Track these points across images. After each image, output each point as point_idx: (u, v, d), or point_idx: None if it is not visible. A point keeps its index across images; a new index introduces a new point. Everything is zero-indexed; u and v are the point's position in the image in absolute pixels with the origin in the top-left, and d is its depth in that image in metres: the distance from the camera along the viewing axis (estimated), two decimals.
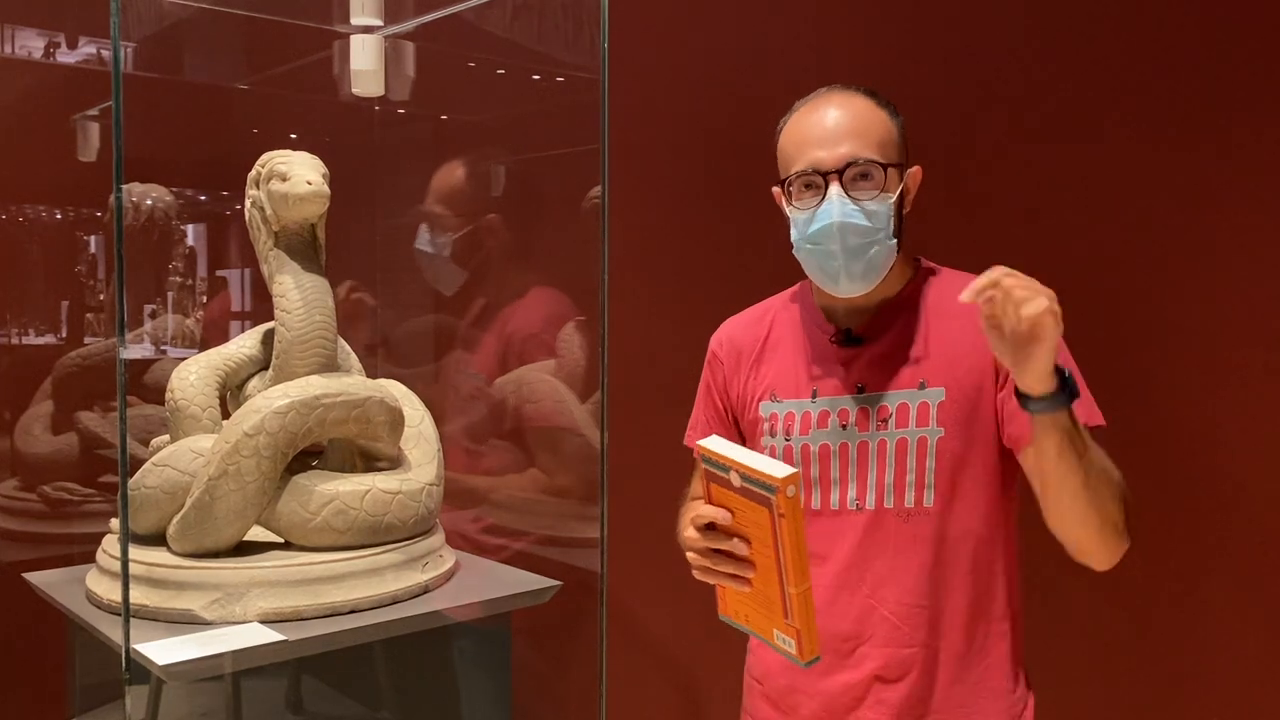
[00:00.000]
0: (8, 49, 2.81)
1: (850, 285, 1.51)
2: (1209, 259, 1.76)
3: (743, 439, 1.70)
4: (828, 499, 1.58)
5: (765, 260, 1.65)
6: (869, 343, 1.56)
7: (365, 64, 2.57)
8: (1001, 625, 1.57)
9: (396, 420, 2.14)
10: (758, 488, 1.27)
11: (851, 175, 1.48)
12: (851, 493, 1.56)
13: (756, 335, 1.69)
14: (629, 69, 2.17)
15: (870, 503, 1.54)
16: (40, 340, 2.77)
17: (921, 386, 1.51)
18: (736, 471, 1.29)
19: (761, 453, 1.60)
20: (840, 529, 1.58)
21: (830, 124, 1.50)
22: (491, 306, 2.76)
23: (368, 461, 2.16)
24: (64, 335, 2.78)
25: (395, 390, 2.25)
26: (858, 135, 1.48)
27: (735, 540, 1.33)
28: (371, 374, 2.35)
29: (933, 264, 1.61)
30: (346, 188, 2.22)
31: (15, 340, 2.75)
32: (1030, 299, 1.23)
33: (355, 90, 2.65)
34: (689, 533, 1.39)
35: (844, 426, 1.55)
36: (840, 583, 1.57)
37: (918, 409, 1.52)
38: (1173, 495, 1.81)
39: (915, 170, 1.54)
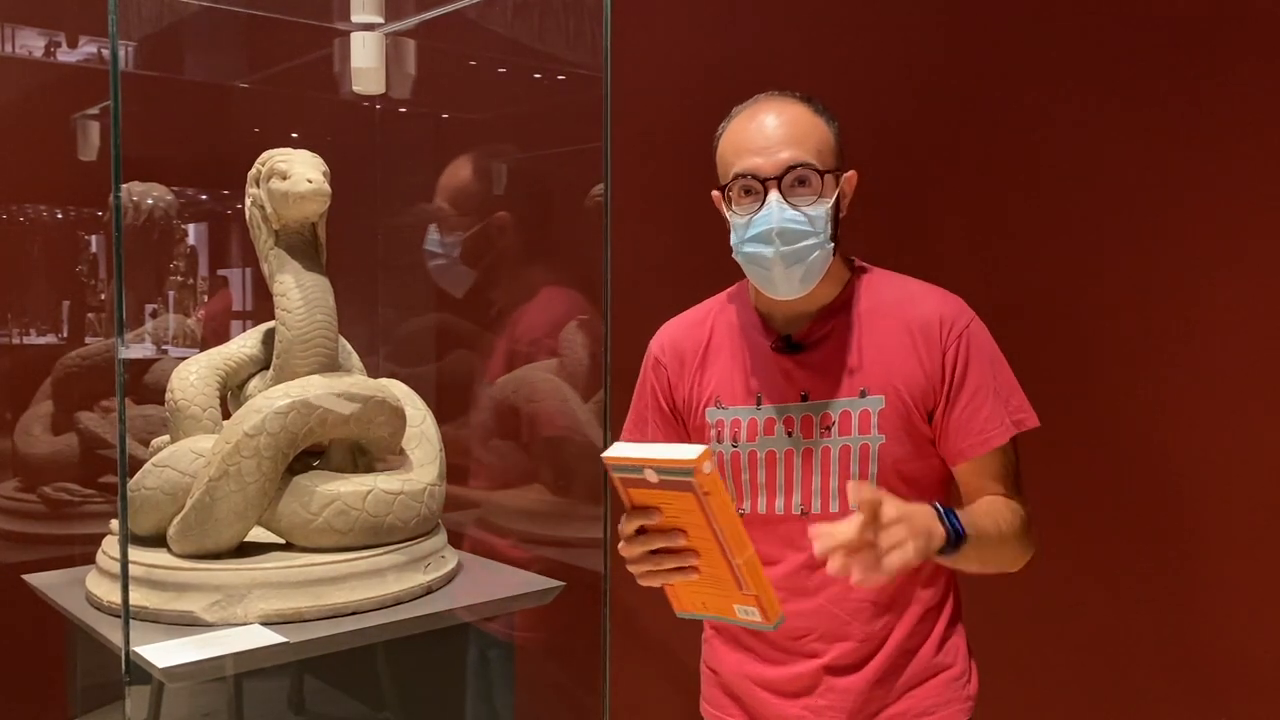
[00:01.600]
0: (8, 48, 2.80)
1: (789, 289, 1.54)
2: (1184, 261, 1.75)
3: (689, 443, 1.69)
4: (773, 505, 1.59)
5: None
6: (809, 350, 1.58)
7: (366, 62, 2.57)
8: (946, 606, 1.62)
9: (398, 420, 2.13)
10: (675, 476, 1.27)
11: (790, 181, 1.50)
12: (796, 498, 1.58)
13: (698, 339, 1.69)
14: (631, 66, 2.16)
15: (816, 507, 1.57)
16: (41, 340, 2.76)
17: (862, 394, 1.54)
18: (650, 468, 1.29)
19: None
20: (788, 534, 1.59)
21: (769, 130, 1.52)
22: (500, 306, 2.73)
23: (369, 462, 2.15)
24: (65, 335, 2.78)
25: (397, 390, 2.24)
26: (796, 142, 1.51)
27: (671, 533, 1.33)
28: (373, 373, 2.33)
29: (866, 264, 1.64)
30: (347, 186, 2.21)
31: (16, 340, 2.74)
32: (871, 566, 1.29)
33: (356, 88, 2.64)
34: (620, 545, 1.39)
35: (789, 434, 1.57)
36: (790, 585, 1.58)
37: (859, 416, 1.54)
38: (1145, 495, 1.81)
39: (851, 175, 1.56)
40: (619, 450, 1.33)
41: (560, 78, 2.71)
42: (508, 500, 2.64)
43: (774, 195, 1.50)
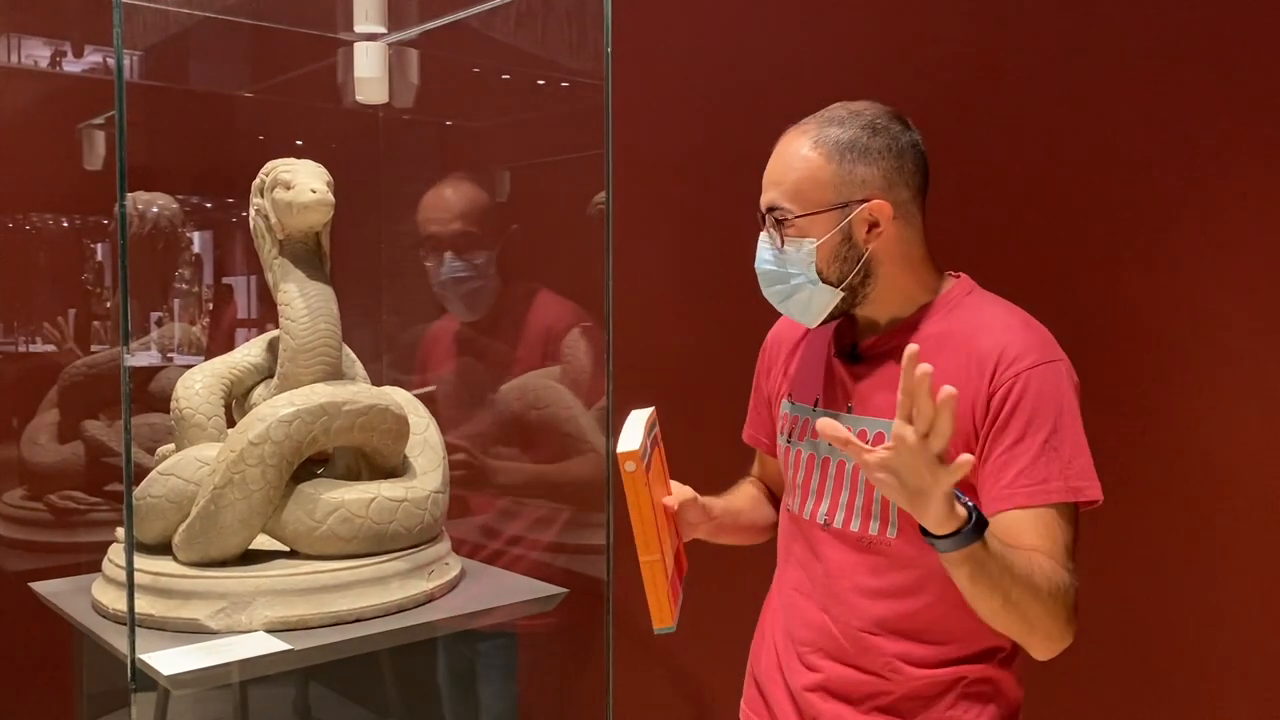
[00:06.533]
0: (15, 58, 2.82)
1: (800, 319, 1.57)
2: (1196, 255, 1.75)
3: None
4: (804, 507, 1.60)
5: None
6: (868, 362, 1.55)
7: (369, 71, 2.58)
8: (980, 684, 1.51)
9: (401, 428, 2.14)
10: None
11: (771, 222, 1.52)
12: (823, 507, 1.57)
13: (796, 334, 1.72)
14: (633, 73, 2.17)
15: (838, 521, 1.55)
16: (47, 348, 2.77)
17: None
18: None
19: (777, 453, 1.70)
20: (807, 537, 1.60)
21: (767, 169, 1.54)
22: (509, 315, 2.72)
23: (373, 469, 2.16)
24: (71, 343, 2.79)
25: (400, 398, 2.25)
26: (777, 184, 1.51)
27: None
28: (377, 381, 2.34)
29: (967, 285, 1.56)
30: (351, 195, 2.22)
31: (23, 348, 2.75)
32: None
33: (359, 98, 2.66)
34: None
35: (827, 442, 1.54)
36: (799, 588, 1.59)
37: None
38: (1160, 495, 1.81)
39: (870, 205, 1.47)
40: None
41: (564, 85, 2.72)
42: (511, 506, 2.65)
43: (762, 235, 1.54)
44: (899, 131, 1.51)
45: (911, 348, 1.21)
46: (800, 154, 1.50)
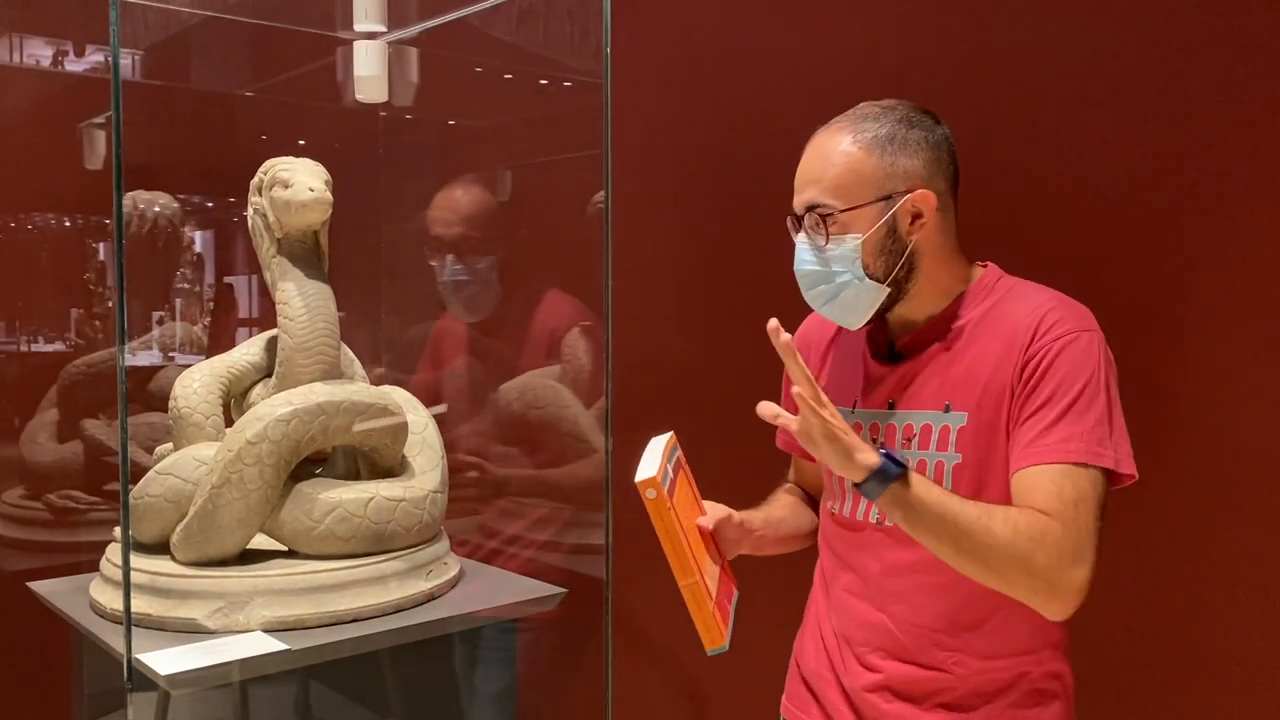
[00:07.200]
0: (16, 58, 2.82)
1: (843, 321, 1.55)
2: (1217, 253, 1.74)
3: None
4: (856, 508, 1.59)
5: (769, 265, 1.64)
6: (907, 359, 1.54)
7: (369, 70, 2.58)
8: (1047, 679, 1.52)
9: (400, 428, 2.13)
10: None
11: (812, 221, 1.50)
12: (873, 506, 1.55)
13: (825, 333, 1.70)
14: (633, 73, 2.16)
15: (889, 519, 1.51)
16: (48, 347, 2.78)
17: (946, 410, 1.49)
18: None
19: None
20: (861, 540, 1.58)
21: (802, 168, 1.53)
22: (515, 314, 2.72)
23: (372, 469, 2.16)
24: (72, 342, 2.79)
25: (399, 397, 2.24)
26: (816, 181, 1.50)
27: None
28: (375, 381, 2.34)
29: (996, 272, 1.57)
30: (350, 194, 2.22)
31: (24, 347, 2.75)
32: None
33: (359, 96, 2.65)
34: None
35: (874, 441, 1.54)
36: (856, 591, 1.58)
37: (939, 432, 1.49)
38: (1181, 490, 1.80)
39: (915, 195, 1.48)
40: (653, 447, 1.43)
41: (566, 84, 2.72)
42: (510, 506, 2.65)
43: (800, 237, 1.52)
44: (931, 124, 1.52)
45: (772, 322, 1.34)
46: (840, 149, 1.50)
